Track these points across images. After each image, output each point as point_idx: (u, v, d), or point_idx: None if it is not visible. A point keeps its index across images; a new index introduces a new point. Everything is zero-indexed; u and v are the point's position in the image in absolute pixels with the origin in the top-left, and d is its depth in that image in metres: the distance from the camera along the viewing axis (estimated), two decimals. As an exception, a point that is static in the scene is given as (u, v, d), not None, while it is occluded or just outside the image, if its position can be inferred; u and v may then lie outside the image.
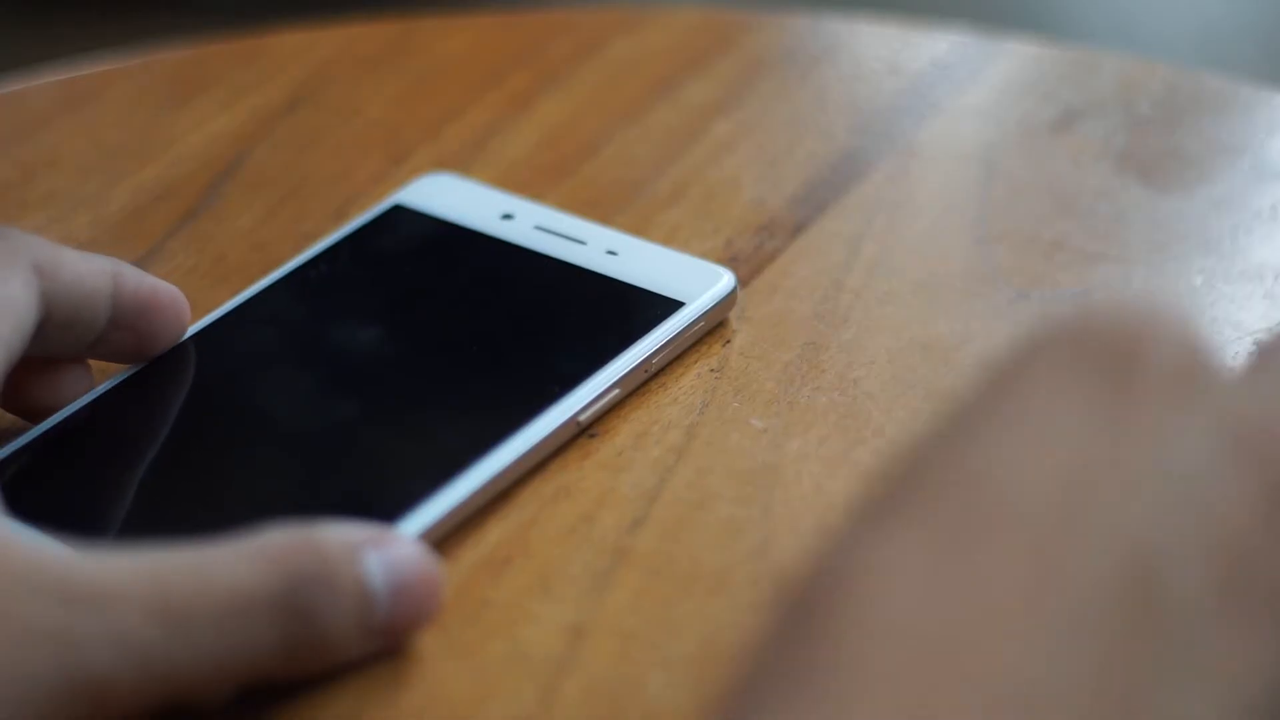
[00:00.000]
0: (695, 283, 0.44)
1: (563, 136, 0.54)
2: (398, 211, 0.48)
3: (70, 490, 0.38)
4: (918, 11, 1.52)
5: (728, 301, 0.44)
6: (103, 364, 0.42)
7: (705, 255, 0.47)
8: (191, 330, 0.43)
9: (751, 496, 0.39)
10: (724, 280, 0.44)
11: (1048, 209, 0.50)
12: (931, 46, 0.60)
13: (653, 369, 0.42)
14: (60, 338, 0.39)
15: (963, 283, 0.47)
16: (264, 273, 0.46)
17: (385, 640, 0.34)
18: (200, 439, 0.40)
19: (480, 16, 0.62)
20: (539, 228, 0.46)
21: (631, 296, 0.44)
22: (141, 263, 0.48)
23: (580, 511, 0.39)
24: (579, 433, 0.41)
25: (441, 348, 0.42)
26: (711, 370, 0.43)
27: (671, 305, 0.43)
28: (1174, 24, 1.81)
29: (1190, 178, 0.52)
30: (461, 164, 0.52)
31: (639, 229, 0.48)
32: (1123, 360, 0.28)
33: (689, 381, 0.43)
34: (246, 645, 0.32)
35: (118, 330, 0.40)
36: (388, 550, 0.34)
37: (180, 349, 0.42)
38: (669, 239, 0.48)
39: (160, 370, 0.41)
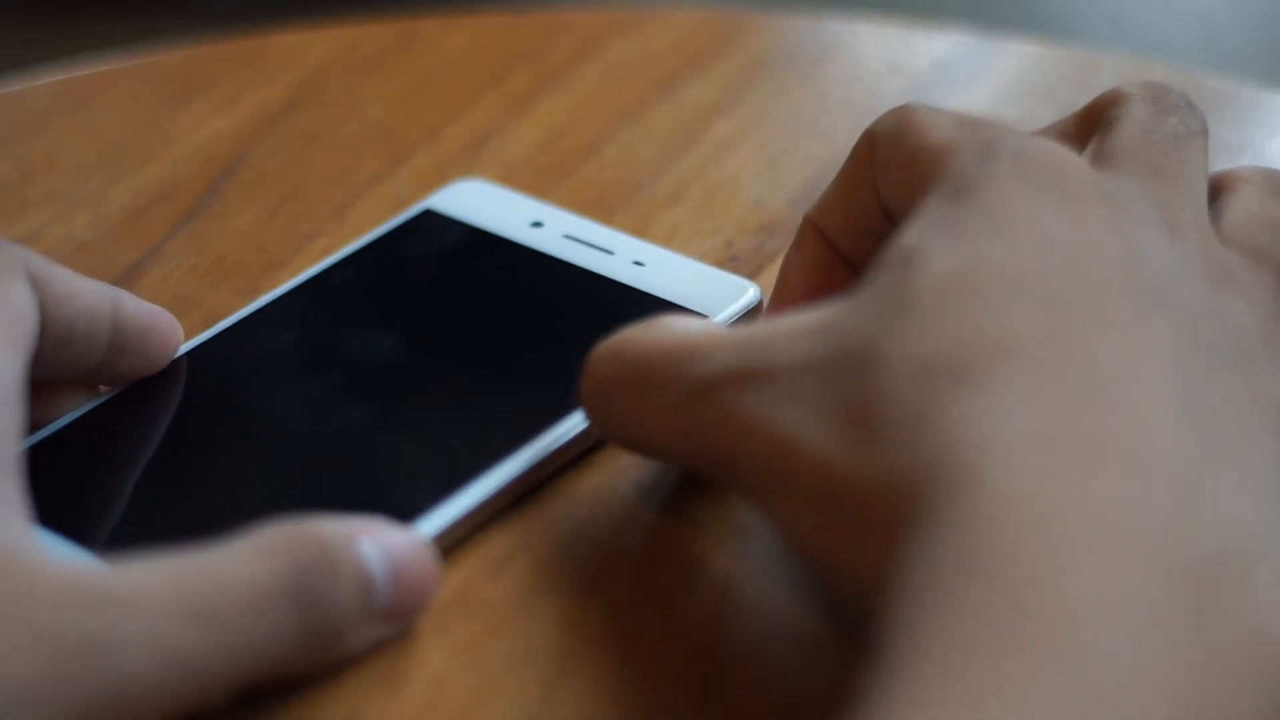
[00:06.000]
0: (720, 296, 0.44)
1: (563, 136, 0.54)
2: (428, 216, 0.48)
3: (79, 493, 0.38)
4: (918, 11, 1.52)
5: (752, 315, 0.44)
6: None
7: (705, 255, 0.47)
8: (214, 331, 0.43)
9: (752, 496, 0.39)
10: (749, 294, 0.44)
11: (1048, 209, 0.50)
12: (931, 46, 0.60)
13: None
14: (58, 356, 0.39)
15: (963, 283, 0.47)
16: (264, 273, 0.46)
17: (389, 626, 0.35)
18: (218, 441, 0.40)
19: (481, 16, 0.62)
20: (568, 236, 0.46)
21: (657, 308, 0.43)
22: (141, 263, 0.49)
23: (580, 512, 0.39)
24: (596, 443, 0.40)
25: (464, 354, 0.42)
26: (712, 370, 0.43)
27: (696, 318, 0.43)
28: (1174, 24, 1.81)
29: (1190, 178, 0.52)
30: (462, 164, 0.52)
31: (639, 229, 0.48)
32: None
33: (689, 381, 0.43)
34: (267, 637, 0.32)
35: (123, 354, 0.40)
36: (381, 536, 0.34)
37: (202, 350, 0.42)
38: (669, 239, 0.48)
39: (177, 372, 0.41)
